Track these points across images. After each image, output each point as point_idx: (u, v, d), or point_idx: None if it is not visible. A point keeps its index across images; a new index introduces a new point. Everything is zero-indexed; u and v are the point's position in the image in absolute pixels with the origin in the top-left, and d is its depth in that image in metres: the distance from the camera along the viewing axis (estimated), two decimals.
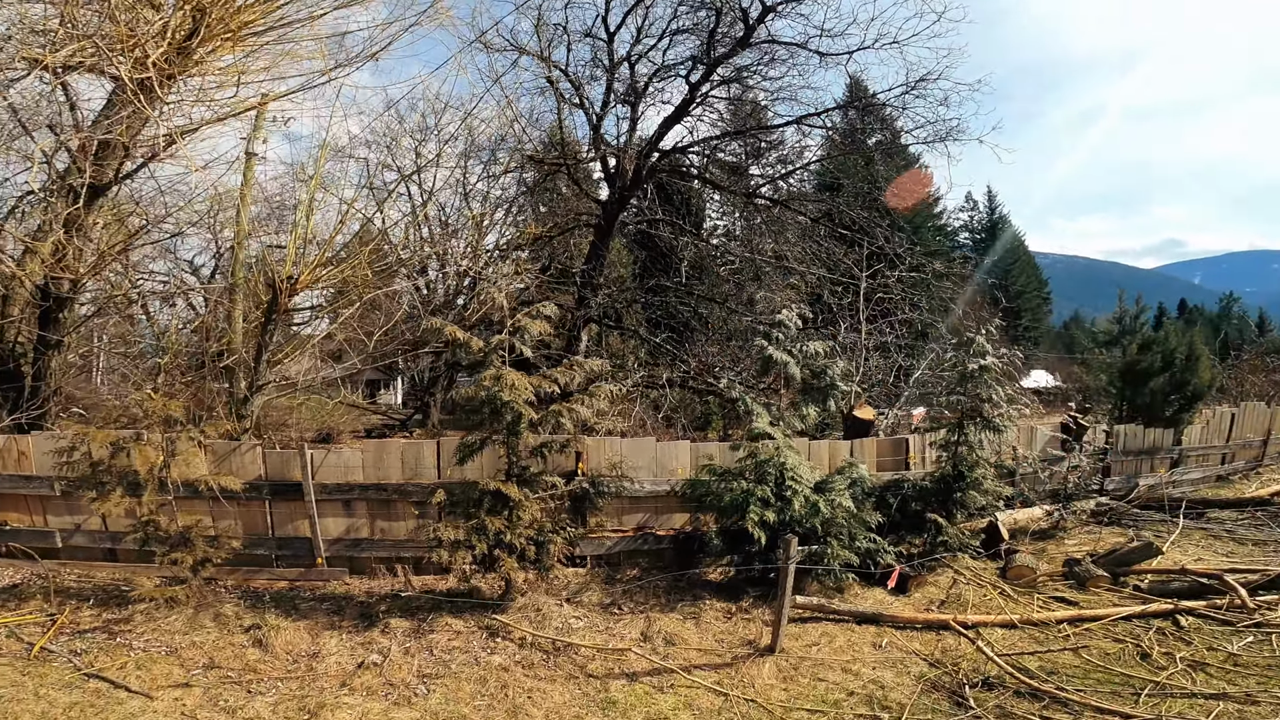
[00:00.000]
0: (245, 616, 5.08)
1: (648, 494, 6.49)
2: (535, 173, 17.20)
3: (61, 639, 4.61)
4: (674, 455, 6.72)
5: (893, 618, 5.62)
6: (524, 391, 4.98)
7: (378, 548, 6.07)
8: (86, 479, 4.78)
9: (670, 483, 6.54)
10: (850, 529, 6.06)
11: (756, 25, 12.52)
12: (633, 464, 6.37)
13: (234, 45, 5.95)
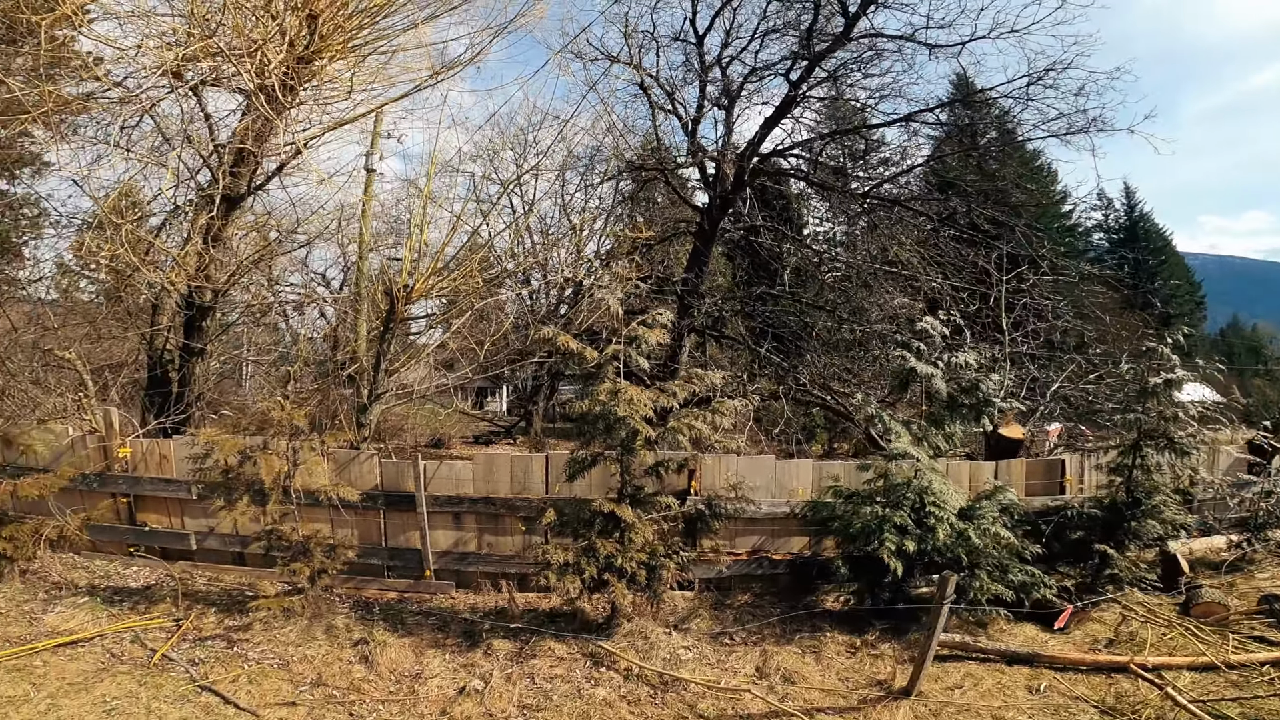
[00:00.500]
0: (355, 629, 5.05)
1: (765, 515, 6.01)
2: (632, 181, 17.12)
3: (183, 646, 4.72)
4: (794, 475, 6.20)
5: (1051, 658, 4.88)
6: (642, 407, 4.67)
7: (484, 562, 5.94)
8: (217, 485, 4.90)
9: (790, 504, 6.05)
10: (1001, 560, 5.34)
11: (857, 18, 11.78)
12: (750, 483, 5.91)
13: (344, 54, 6.08)
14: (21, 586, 5.60)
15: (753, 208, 16.22)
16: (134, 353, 8.68)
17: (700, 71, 14.18)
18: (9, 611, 5.08)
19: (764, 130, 13.83)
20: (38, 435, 6.00)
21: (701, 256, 13.74)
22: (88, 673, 4.27)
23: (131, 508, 6.46)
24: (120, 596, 5.48)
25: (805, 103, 14.16)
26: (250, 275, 8.08)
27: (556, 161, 18.34)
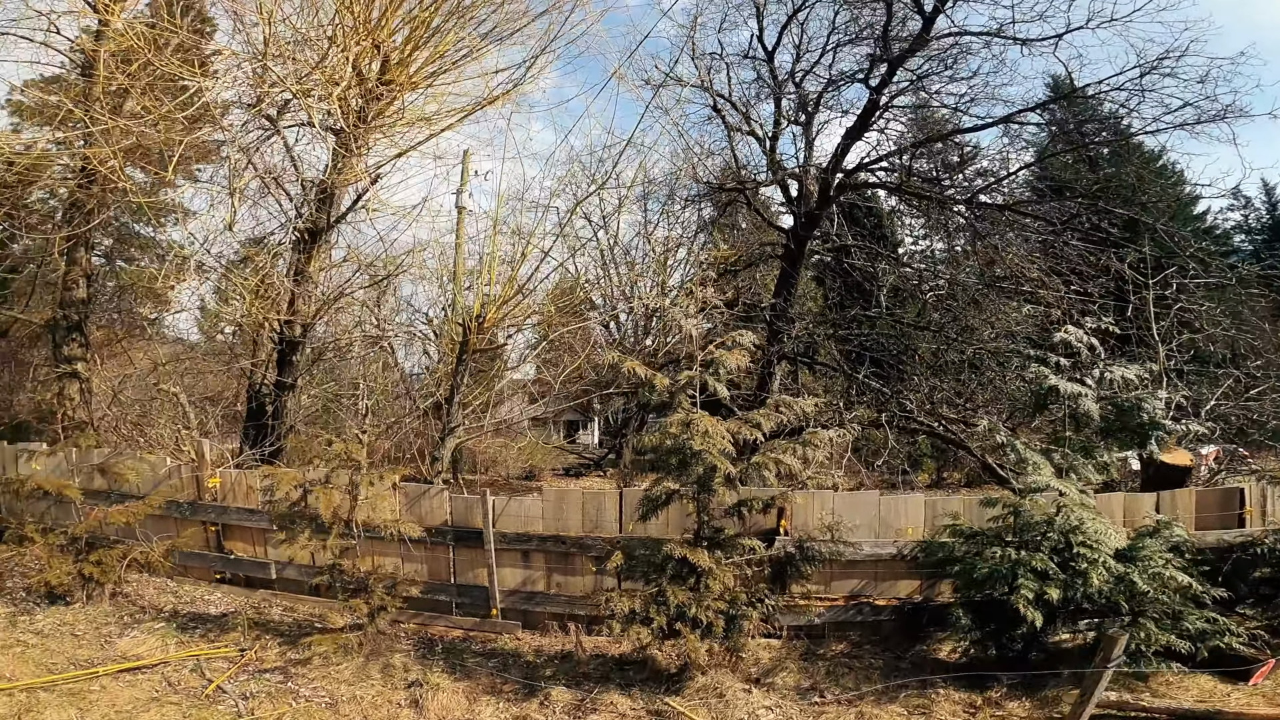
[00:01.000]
0: (412, 669, 4.76)
1: (866, 557, 5.28)
2: (713, 205, 16.73)
3: (241, 678, 4.57)
4: (902, 512, 5.42)
5: (1238, 716, 3.89)
6: (719, 440, 4.12)
7: (552, 603, 5.53)
8: (283, 517, 4.79)
9: (896, 545, 5.30)
10: (1173, 606, 4.35)
11: (935, 16, 10.89)
12: (849, 522, 5.20)
13: (411, 86, 6.10)
14: (110, 609, 5.72)
15: (841, 227, 15.41)
16: (233, 387, 9.08)
17: (773, 87, 13.66)
18: (87, 634, 5.16)
19: (847, 142, 13.03)
20: (131, 465, 6.22)
21: (789, 280, 13.03)
22: (139, 700, 4.18)
23: (220, 536, 6.56)
24: (196, 623, 5.48)
25: (890, 112, 13.31)
26: (338, 311, 8.25)
27: (637, 193, 18.41)
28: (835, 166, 13.04)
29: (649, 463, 4.56)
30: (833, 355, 10.97)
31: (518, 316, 6.73)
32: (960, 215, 13.51)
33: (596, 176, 16.05)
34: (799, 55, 13.42)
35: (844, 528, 5.08)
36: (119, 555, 5.67)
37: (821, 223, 14.42)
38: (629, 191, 18.11)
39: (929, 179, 14.27)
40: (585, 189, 15.64)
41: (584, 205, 17.22)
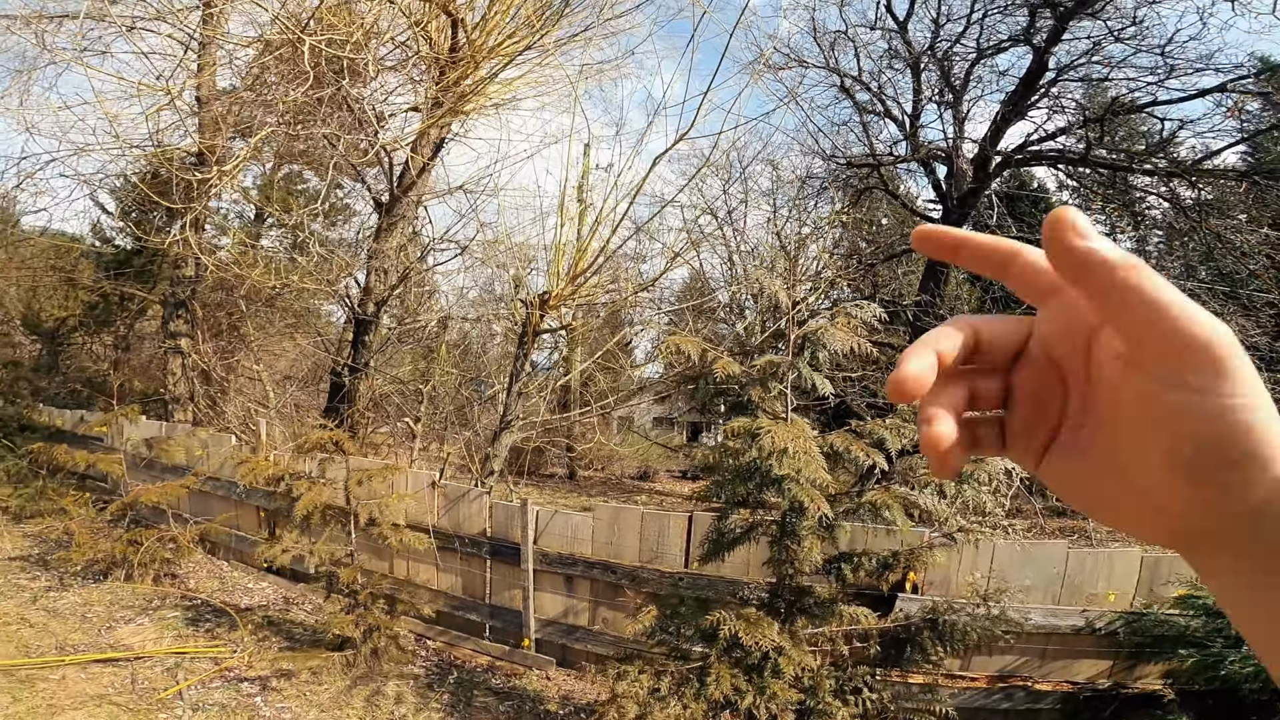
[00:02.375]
0: (404, 702, 3.87)
1: (1035, 629, 3.68)
2: (845, 191, 14.93)
3: (212, 685, 3.89)
4: (1102, 572, 3.75)
5: None
6: (807, 462, 2.70)
7: (595, 641, 4.40)
8: (281, 511, 4.04)
9: (1085, 615, 3.70)
10: None
11: None
12: (1017, 582, 3.62)
13: (491, 55, 5.35)
14: (148, 590, 5.36)
15: (1003, 217, 13.15)
16: (314, 368, 8.89)
17: (909, 61, 11.77)
18: (97, 617, 4.75)
19: (1008, 110, 10.83)
20: (181, 441, 5.87)
21: (937, 272, 11.07)
22: (85, 696, 3.61)
23: (272, 522, 6.12)
24: (210, 616, 4.95)
25: (1058, 86, 10.98)
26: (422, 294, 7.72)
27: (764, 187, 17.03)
28: (994, 139, 10.97)
29: (714, 487, 3.27)
30: None
31: (587, 295, 5.68)
32: (1163, 197, 10.88)
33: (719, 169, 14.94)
34: (938, 27, 11.50)
35: (1006, 591, 3.49)
36: (154, 536, 5.29)
37: (977, 208, 12.40)
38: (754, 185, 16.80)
39: (1113, 164, 11.64)
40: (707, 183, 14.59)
41: (708, 199, 16.21)
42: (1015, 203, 16.15)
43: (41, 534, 6.18)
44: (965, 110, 12.29)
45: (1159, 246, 16.71)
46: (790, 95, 12.09)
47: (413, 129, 6.83)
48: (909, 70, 12.26)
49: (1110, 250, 0.30)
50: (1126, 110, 11.02)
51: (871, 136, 13.11)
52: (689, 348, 2.92)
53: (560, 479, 14.99)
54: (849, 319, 2.88)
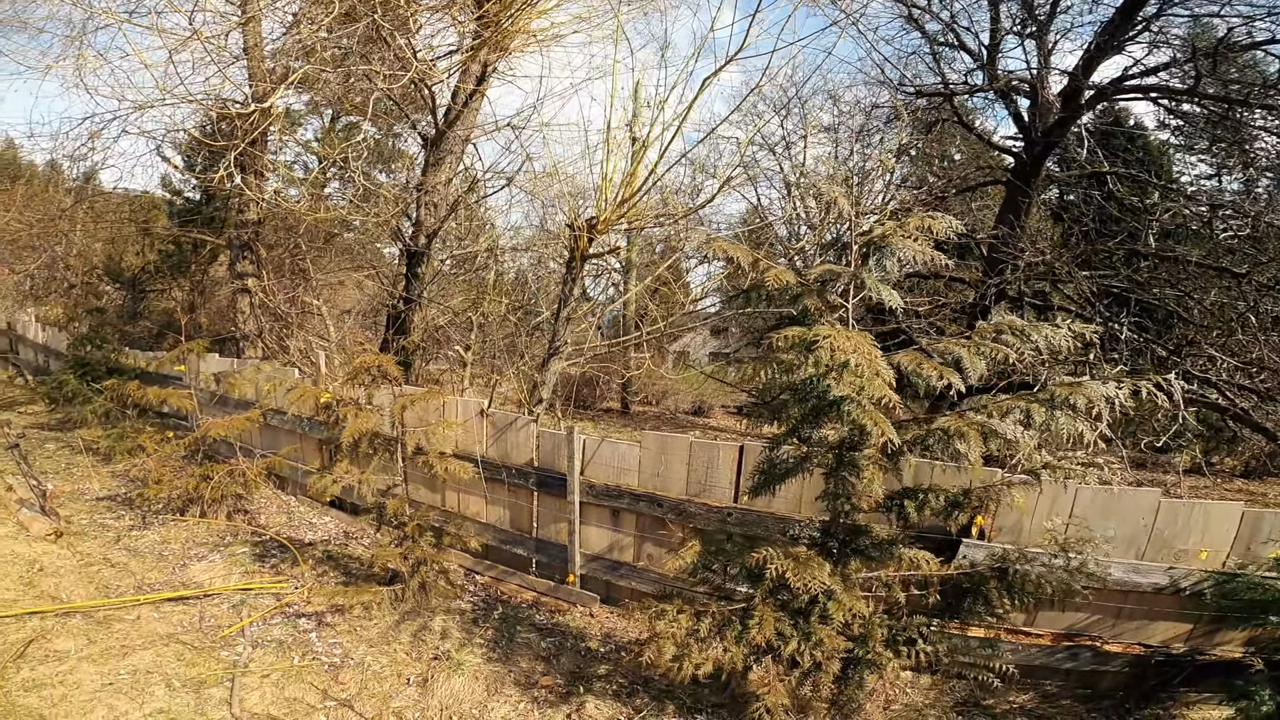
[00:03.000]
0: (449, 637, 3.90)
1: (1114, 586, 3.36)
2: (913, 131, 13.94)
3: (272, 621, 4.00)
4: (1197, 524, 3.37)
5: None
6: (871, 380, 2.41)
7: (639, 578, 4.32)
8: (332, 440, 4.07)
9: (1170, 573, 3.35)
10: None
11: None
12: (1101, 532, 3.28)
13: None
14: (225, 526, 5.60)
15: (1093, 152, 12.02)
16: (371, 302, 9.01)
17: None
18: (174, 555, 4.97)
19: (1103, 40, 9.72)
20: (248, 375, 6.03)
21: (1016, 204, 10.24)
22: (156, 635, 3.75)
23: (333, 455, 6.28)
24: (275, 552, 5.12)
25: (1164, 17, 9.74)
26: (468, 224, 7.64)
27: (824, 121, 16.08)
28: (1087, 70, 9.95)
29: (767, 410, 3.03)
30: (1081, 293, 8.08)
31: (635, 220, 5.43)
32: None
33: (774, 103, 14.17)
34: None
35: (1090, 540, 3.16)
36: (224, 470, 5.49)
37: (1063, 143, 11.40)
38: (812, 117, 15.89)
39: (1225, 100, 10.37)
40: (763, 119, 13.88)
41: (764, 135, 15.45)
42: (1109, 138, 14.79)
43: (127, 473, 6.51)
44: (1052, 41, 11.19)
45: (1270, 188, 15.03)
46: (850, 21, 11.20)
47: (453, 65, 6.61)
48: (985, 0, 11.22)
49: None
50: (1241, 47, 9.79)
51: (944, 67, 12.15)
52: (738, 254, 2.65)
53: (615, 414, 15.06)
54: (921, 221, 2.54)
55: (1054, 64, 11.24)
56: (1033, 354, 2.60)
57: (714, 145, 15.05)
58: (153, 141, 8.79)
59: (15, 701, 3.13)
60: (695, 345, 27.50)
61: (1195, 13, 9.79)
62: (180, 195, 11.53)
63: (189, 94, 6.26)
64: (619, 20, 6.21)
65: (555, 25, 7.01)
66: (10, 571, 4.45)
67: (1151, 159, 15.69)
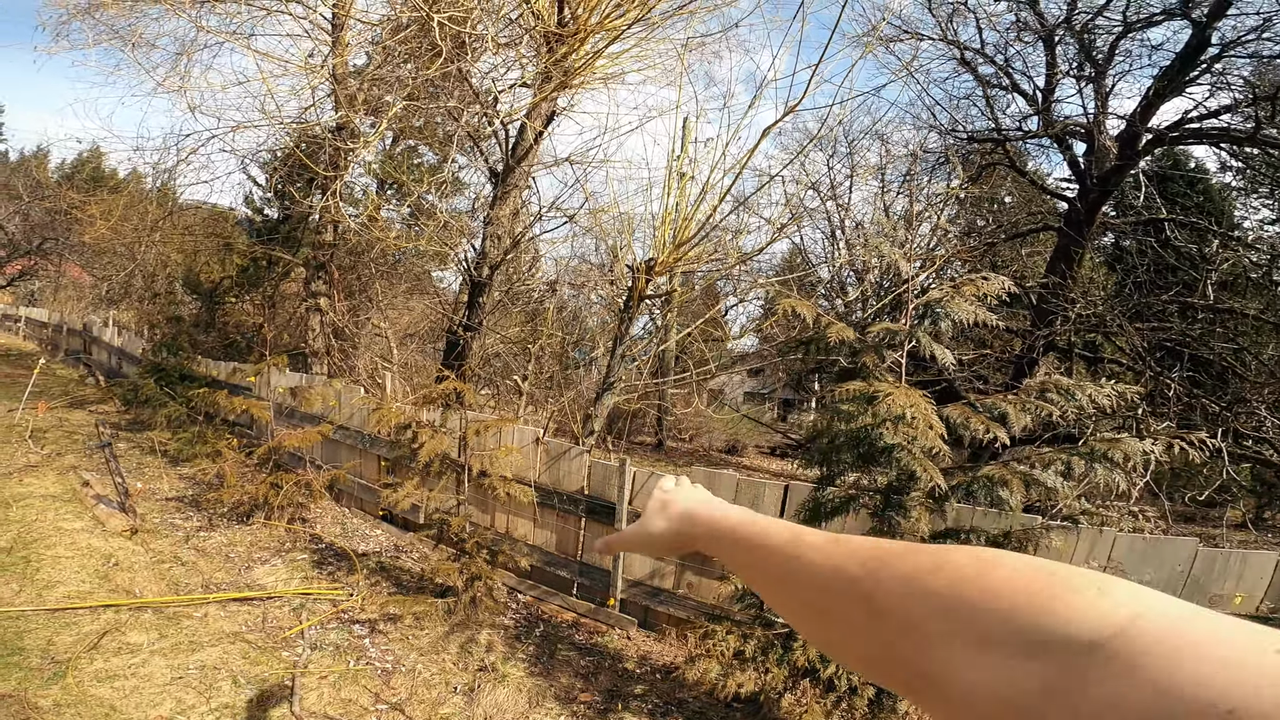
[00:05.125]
0: (494, 650, 4.09)
1: None
2: (964, 167, 14.01)
3: (329, 626, 4.24)
4: (1234, 571, 3.40)
5: None
6: (925, 432, 2.59)
7: (678, 605, 4.47)
8: (403, 460, 4.37)
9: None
10: None
11: None
12: (1135, 577, 3.20)
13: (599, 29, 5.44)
14: (285, 533, 5.94)
15: (1151, 198, 11.89)
16: (431, 327, 9.44)
17: (1040, 34, 10.79)
18: (239, 557, 5.29)
19: (1163, 85, 9.73)
20: (319, 391, 6.43)
21: (1069, 253, 10.20)
22: (222, 633, 4.01)
23: (392, 471, 6.61)
24: (333, 560, 5.41)
25: (1222, 62, 9.70)
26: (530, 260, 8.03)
27: (872, 161, 16.26)
28: (1145, 115, 9.94)
29: (818, 453, 3.21)
30: (1132, 346, 8.03)
31: (691, 263, 5.70)
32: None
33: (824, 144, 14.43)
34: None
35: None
36: (292, 480, 5.86)
37: (1121, 188, 11.33)
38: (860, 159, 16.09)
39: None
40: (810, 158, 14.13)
41: (812, 175, 15.71)
42: (1167, 183, 14.57)
43: (195, 476, 6.87)
44: (1109, 85, 11.20)
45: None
46: (904, 68, 11.43)
47: (523, 103, 7.05)
48: (1040, 43, 11.34)
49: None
50: None
51: (996, 111, 12.24)
52: (804, 310, 2.87)
53: (649, 448, 15.23)
54: (975, 287, 2.72)
55: (1111, 108, 11.20)
56: (1076, 411, 2.72)
57: (760, 182, 15.40)
58: (240, 160, 9.47)
59: (87, 692, 3.32)
60: (731, 385, 27.61)
61: (1259, 54, 9.76)
62: (261, 213, 12.30)
63: (284, 118, 6.79)
64: (682, 64, 6.57)
65: (619, 66, 7.40)
66: (87, 565, 4.75)
67: (1212, 205, 15.36)
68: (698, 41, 7.52)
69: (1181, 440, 2.63)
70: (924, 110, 14.01)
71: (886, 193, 16.52)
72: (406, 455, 4.43)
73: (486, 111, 6.57)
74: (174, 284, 13.23)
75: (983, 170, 13.38)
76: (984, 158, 12.82)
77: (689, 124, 11.22)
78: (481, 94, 6.77)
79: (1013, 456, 3.07)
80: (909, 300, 2.91)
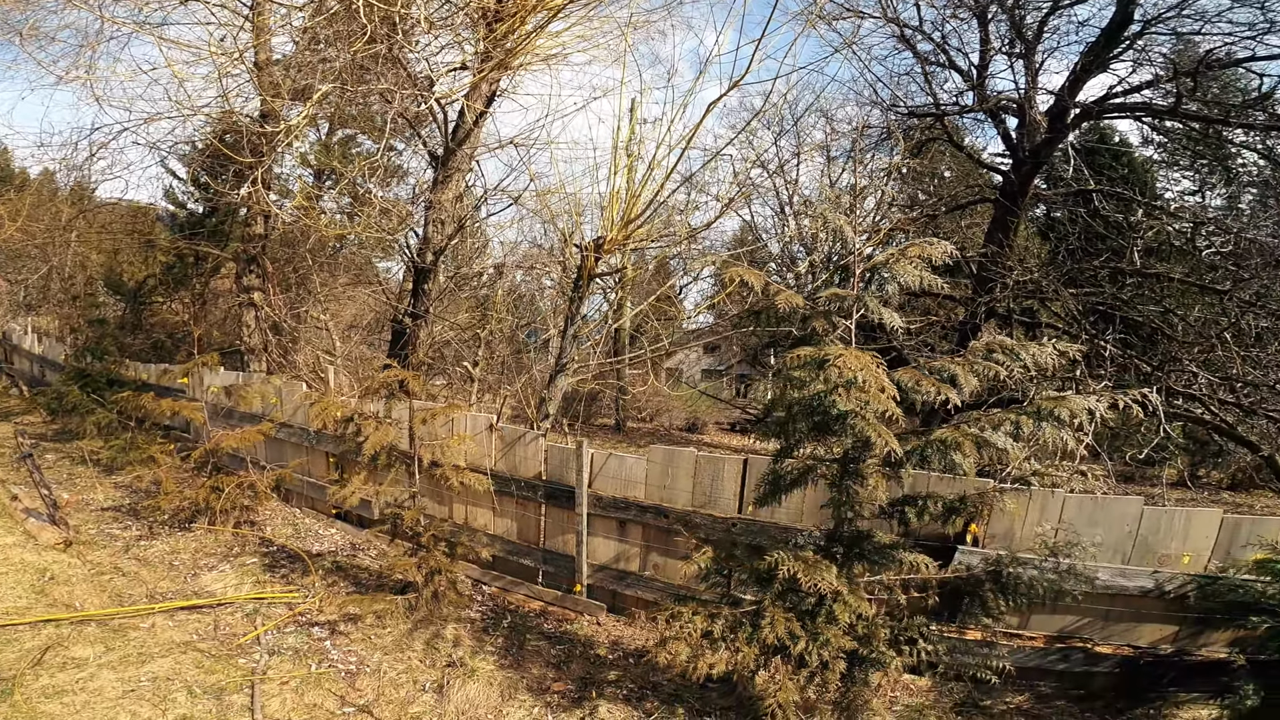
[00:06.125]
0: (461, 644, 4.02)
1: (1101, 589, 3.54)
2: (904, 140, 14.33)
3: (286, 630, 4.09)
4: (1178, 531, 3.56)
5: None
6: (876, 396, 2.59)
7: (645, 587, 4.45)
8: (349, 455, 4.19)
9: (1156, 577, 3.53)
10: None
11: None
12: (1088, 539, 3.46)
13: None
14: (232, 537, 5.68)
15: (1080, 171, 12.37)
16: (376, 318, 9.14)
17: (975, 11, 11.08)
18: (184, 565, 5.06)
19: (1089, 61, 10.09)
20: (257, 389, 6.14)
21: (1005, 223, 10.53)
22: (172, 643, 3.83)
23: (341, 468, 6.38)
24: (285, 562, 5.21)
25: (1144, 40, 10.14)
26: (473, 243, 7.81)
27: (817, 139, 16.45)
28: (1073, 90, 10.31)
29: (775, 426, 3.20)
30: (1068, 310, 8.34)
31: (640, 240, 5.62)
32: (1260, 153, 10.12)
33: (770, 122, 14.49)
34: None
35: (1078, 546, 3.34)
36: (234, 482, 5.59)
37: (1050, 162, 11.75)
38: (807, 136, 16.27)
39: (1205, 119, 10.76)
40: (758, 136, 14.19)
41: (760, 152, 15.77)
42: (1094, 156, 15.18)
43: (131, 484, 6.55)
44: (1039, 61, 11.55)
45: (1252, 204, 15.47)
46: (846, 44, 11.54)
47: (463, 84, 6.81)
48: (975, 20, 11.58)
49: None
50: (1221, 64, 10.17)
51: (934, 87, 12.50)
52: (752, 279, 2.83)
53: (609, 430, 15.21)
54: (920, 249, 2.73)
55: (1041, 83, 11.55)
56: (1021, 371, 2.78)
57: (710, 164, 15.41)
58: (159, 154, 8.92)
59: (37, 709, 3.17)
60: (688, 363, 27.77)
61: (1178, 31, 10.18)
62: (184, 208, 11.65)
63: (200, 106, 6.40)
64: (627, 41, 6.44)
65: (561, 44, 7.22)
66: (22, 580, 4.51)
67: (1136, 176, 16.11)
68: (642, 19, 7.39)
69: (1121, 396, 2.70)
70: (866, 87, 14.25)
71: (832, 168, 16.80)
72: (352, 449, 4.26)
73: (422, 94, 6.31)
74: (95, 285, 12.46)
75: (923, 145, 13.67)
76: (924, 133, 13.09)
77: (636, 103, 11.10)
78: (417, 76, 6.50)
79: (963, 420, 3.13)
80: (856, 267, 2.91)
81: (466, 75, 6.94)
